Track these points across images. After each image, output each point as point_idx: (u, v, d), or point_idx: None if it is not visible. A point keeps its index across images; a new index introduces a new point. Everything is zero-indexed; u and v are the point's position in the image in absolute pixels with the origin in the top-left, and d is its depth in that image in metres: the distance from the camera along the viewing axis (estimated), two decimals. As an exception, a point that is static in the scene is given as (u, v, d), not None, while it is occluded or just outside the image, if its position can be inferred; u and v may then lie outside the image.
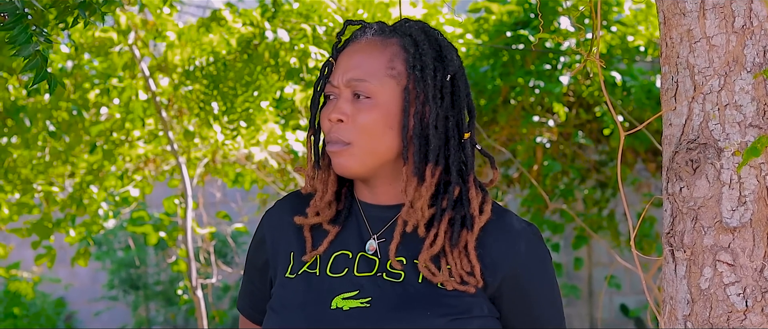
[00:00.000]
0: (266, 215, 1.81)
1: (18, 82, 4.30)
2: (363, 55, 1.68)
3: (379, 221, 1.71)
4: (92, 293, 9.31)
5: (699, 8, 1.63)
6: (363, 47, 1.69)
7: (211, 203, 7.98)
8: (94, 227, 5.10)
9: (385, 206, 1.71)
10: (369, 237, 1.70)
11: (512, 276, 1.67)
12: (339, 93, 1.68)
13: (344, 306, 1.64)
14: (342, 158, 1.66)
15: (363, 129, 1.65)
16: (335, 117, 1.66)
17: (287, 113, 5.17)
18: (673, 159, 1.65)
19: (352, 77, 1.66)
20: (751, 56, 1.59)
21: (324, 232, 1.71)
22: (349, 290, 1.65)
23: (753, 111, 1.59)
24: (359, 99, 1.66)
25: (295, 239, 1.73)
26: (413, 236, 1.67)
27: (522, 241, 1.69)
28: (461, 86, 1.70)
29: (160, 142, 5.05)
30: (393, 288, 1.64)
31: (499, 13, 5.25)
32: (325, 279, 1.67)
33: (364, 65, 1.67)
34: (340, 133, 1.66)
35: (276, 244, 1.76)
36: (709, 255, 1.61)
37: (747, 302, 1.59)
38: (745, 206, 1.59)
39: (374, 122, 1.65)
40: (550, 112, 5.34)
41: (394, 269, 1.66)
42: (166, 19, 4.51)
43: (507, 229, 1.69)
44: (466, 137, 1.69)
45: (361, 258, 1.68)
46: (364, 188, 1.73)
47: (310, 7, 4.32)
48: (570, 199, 5.63)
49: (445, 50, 1.70)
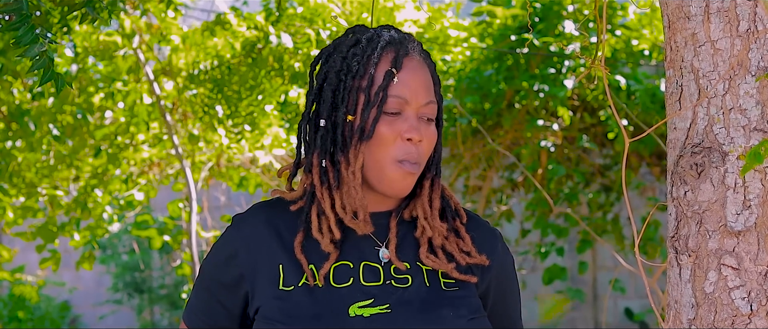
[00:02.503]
0: (233, 230, 1.74)
1: (23, 85, 4.30)
2: (425, 76, 1.71)
3: (378, 228, 1.70)
4: (97, 296, 9.31)
5: (704, 12, 1.62)
6: (421, 66, 1.72)
7: (215, 206, 7.99)
8: (99, 230, 5.11)
9: (378, 213, 1.71)
10: (369, 246, 1.69)
11: (496, 277, 1.74)
12: (414, 113, 1.68)
13: (364, 313, 1.63)
14: (413, 179, 1.69)
15: (427, 152, 1.70)
16: (419, 138, 1.67)
17: (291, 116, 5.17)
18: (677, 163, 1.65)
19: (430, 100, 1.69)
20: (755, 60, 1.59)
21: (315, 245, 1.68)
22: (361, 299, 1.64)
23: (757, 115, 1.59)
24: (428, 122, 1.69)
25: (281, 252, 1.69)
26: (411, 240, 1.70)
27: (498, 242, 1.77)
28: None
29: (164, 146, 5.05)
30: (406, 293, 1.66)
31: (503, 17, 5.25)
32: (332, 289, 1.65)
33: (428, 87, 1.70)
34: (419, 155, 1.68)
35: (253, 258, 1.70)
36: (714, 259, 1.61)
37: (752, 306, 1.59)
38: (749, 210, 1.59)
39: (434, 145, 1.71)
40: (555, 116, 5.34)
41: (400, 275, 1.67)
42: (170, 22, 4.52)
43: (486, 232, 1.77)
44: None
45: (365, 266, 1.68)
46: (370, 196, 1.72)
47: (314, 11, 4.32)
48: (574, 203, 5.63)
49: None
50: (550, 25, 5.05)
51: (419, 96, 1.68)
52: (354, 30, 1.74)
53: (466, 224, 1.75)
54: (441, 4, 5.59)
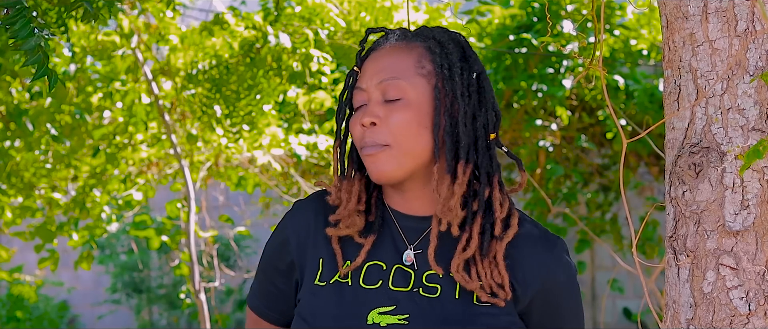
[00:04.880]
0: (289, 217, 1.76)
1: (21, 85, 4.30)
2: (391, 58, 1.67)
3: (414, 232, 1.68)
4: (95, 296, 9.31)
5: (702, 12, 1.62)
6: (389, 51, 1.69)
7: (213, 206, 7.98)
8: (97, 230, 5.10)
9: (419, 217, 1.69)
10: (405, 248, 1.67)
11: (542, 291, 1.67)
12: (368, 98, 1.67)
13: (381, 322, 1.61)
14: (379, 161, 1.64)
15: (398, 130, 1.63)
16: (368, 120, 1.64)
17: (290, 116, 5.18)
18: (675, 163, 1.65)
19: (383, 78, 1.65)
20: (753, 60, 1.59)
21: (354, 241, 1.68)
22: (384, 304, 1.63)
23: (756, 115, 1.59)
24: (390, 102, 1.64)
25: (324, 245, 1.70)
26: (448, 245, 1.65)
27: (552, 256, 1.69)
28: (486, 86, 1.69)
29: (162, 145, 5.05)
30: (430, 305, 1.62)
31: (501, 17, 5.25)
32: (359, 290, 1.64)
33: (394, 66, 1.66)
34: (375, 136, 1.64)
35: (303, 247, 1.72)
36: (712, 259, 1.61)
37: (750, 306, 1.59)
38: (747, 210, 1.59)
39: (408, 121, 1.63)
40: (553, 115, 5.34)
41: (431, 283, 1.64)
42: (168, 22, 4.52)
43: (537, 244, 1.68)
44: (491, 138, 1.68)
45: (397, 270, 1.66)
46: (395, 195, 1.70)
47: (312, 10, 4.32)
48: (573, 203, 5.63)
49: (467, 50, 1.70)
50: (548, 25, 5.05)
51: (373, 79, 1.67)
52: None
53: (514, 242, 1.66)
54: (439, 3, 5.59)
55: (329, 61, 4.32)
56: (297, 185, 5.42)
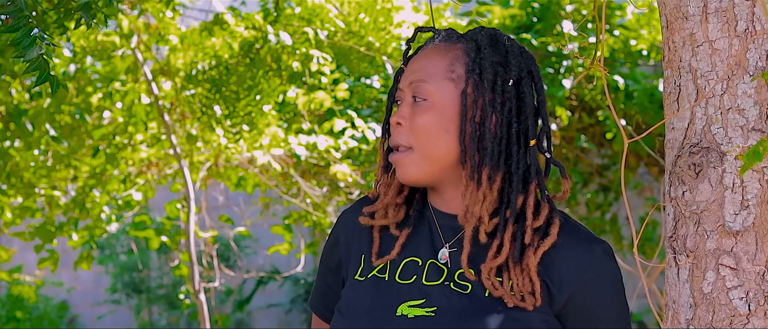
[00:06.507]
0: (341, 217, 1.81)
1: (20, 85, 4.30)
2: (427, 59, 1.69)
3: (451, 231, 1.69)
4: (95, 297, 9.30)
5: (702, 12, 1.62)
6: (429, 52, 1.71)
7: (213, 206, 7.98)
8: (97, 230, 5.10)
9: (456, 216, 1.69)
10: (441, 245, 1.69)
11: (580, 294, 1.65)
12: (403, 97, 1.70)
13: (409, 314, 1.63)
14: (402, 164, 1.66)
15: (419, 132, 1.65)
16: (395, 120, 1.68)
17: (290, 116, 5.17)
18: (675, 163, 1.65)
19: (414, 79, 1.67)
20: (753, 60, 1.59)
21: (393, 236, 1.71)
22: (415, 297, 1.64)
23: (755, 115, 1.59)
24: (417, 104, 1.66)
25: (367, 241, 1.73)
26: (483, 249, 1.65)
27: (591, 259, 1.66)
28: (527, 92, 1.67)
29: (162, 146, 5.05)
30: (459, 299, 1.63)
31: (501, 17, 5.25)
32: (394, 285, 1.67)
33: (426, 68, 1.67)
34: (399, 137, 1.67)
35: (349, 245, 1.76)
36: (712, 259, 1.61)
37: (750, 306, 1.59)
38: (747, 210, 1.59)
39: (429, 123, 1.64)
40: (553, 115, 5.34)
41: (462, 280, 1.65)
42: (168, 22, 4.52)
43: (577, 246, 1.66)
44: (531, 144, 1.66)
45: (431, 265, 1.67)
46: (434, 194, 1.72)
47: (312, 11, 4.32)
48: (573, 203, 5.63)
49: (511, 56, 1.67)
50: (548, 25, 5.05)
51: (407, 78, 1.70)
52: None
53: (552, 247, 1.64)
54: (439, 4, 5.59)
55: (329, 62, 4.32)
56: (297, 185, 5.42)
